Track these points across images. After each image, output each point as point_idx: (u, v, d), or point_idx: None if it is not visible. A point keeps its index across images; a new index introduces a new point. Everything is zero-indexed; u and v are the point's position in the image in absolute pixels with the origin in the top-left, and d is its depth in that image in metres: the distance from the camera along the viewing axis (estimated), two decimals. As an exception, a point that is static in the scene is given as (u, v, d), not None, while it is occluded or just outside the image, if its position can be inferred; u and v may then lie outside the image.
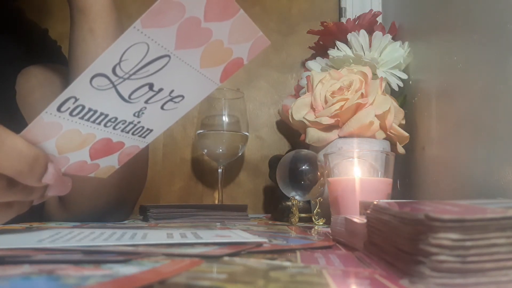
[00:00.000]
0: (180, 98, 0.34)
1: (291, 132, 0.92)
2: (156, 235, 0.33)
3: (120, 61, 0.28)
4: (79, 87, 0.28)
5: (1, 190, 0.29)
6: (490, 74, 0.46)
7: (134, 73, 0.29)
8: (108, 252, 0.25)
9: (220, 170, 0.82)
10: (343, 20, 0.88)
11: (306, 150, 0.63)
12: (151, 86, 0.31)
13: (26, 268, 0.20)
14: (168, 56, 0.29)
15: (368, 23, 0.75)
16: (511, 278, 0.18)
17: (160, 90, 0.32)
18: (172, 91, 0.32)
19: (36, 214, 0.55)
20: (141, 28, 0.27)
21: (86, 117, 0.30)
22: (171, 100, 0.33)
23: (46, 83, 0.59)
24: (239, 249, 0.27)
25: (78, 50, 0.49)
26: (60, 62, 0.64)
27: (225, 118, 0.81)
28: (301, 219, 0.61)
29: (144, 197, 0.64)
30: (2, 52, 0.59)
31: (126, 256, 0.24)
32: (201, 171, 0.95)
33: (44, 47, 0.65)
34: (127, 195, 0.58)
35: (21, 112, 0.60)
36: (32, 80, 0.61)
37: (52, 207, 0.57)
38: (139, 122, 0.34)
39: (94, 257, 0.24)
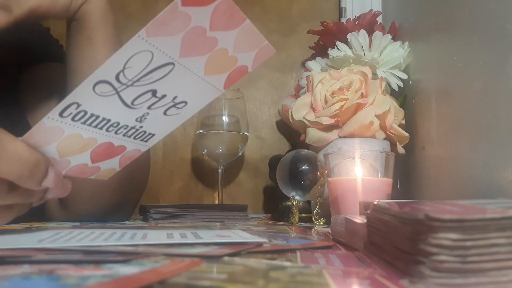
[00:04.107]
0: (183, 104, 0.34)
1: (291, 132, 0.92)
2: (156, 235, 0.33)
3: (124, 68, 0.28)
4: (82, 93, 0.28)
5: (2, 194, 0.30)
6: (490, 74, 0.46)
7: (137, 80, 0.29)
8: (108, 252, 0.25)
9: (220, 170, 0.82)
10: (343, 20, 0.88)
11: (306, 150, 0.63)
12: (154, 92, 0.31)
13: (26, 268, 0.20)
14: (172, 63, 0.29)
15: (368, 23, 0.75)
16: (511, 278, 0.18)
17: (163, 96, 0.32)
18: (175, 97, 0.32)
19: (37, 215, 0.55)
20: (145, 37, 0.27)
21: (88, 122, 0.30)
22: (174, 106, 0.33)
23: (48, 83, 0.59)
24: (239, 249, 0.27)
25: (75, 56, 0.49)
26: (62, 61, 0.64)
27: (225, 118, 0.81)
28: (301, 219, 0.61)
29: (144, 197, 0.64)
30: (4, 52, 0.59)
31: (126, 256, 0.24)
32: (201, 171, 0.95)
33: (46, 46, 0.65)
34: (128, 196, 0.58)
35: (23, 113, 0.60)
36: (34, 80, 0.61)
37: (53, 208, 0.57)
38: (141, 127, 0.34)
39: (94, 257, 0.24)
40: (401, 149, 0.64)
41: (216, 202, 0.88)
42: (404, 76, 0.69)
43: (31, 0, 0.38)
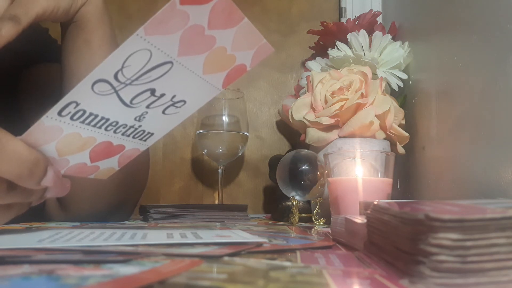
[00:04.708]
0: (182, 103, 0.34)
1: (291, 132, 0.92)
2: (156, 235, 0.33)
3: (123, 67, 0.28)
4: (81, 92, 0.28)
5: (1, 193, 0.30)
6: (490, 74, 0.46)
7: (136, 79, 0.29)
8: (108, 252, 0.25)
9: (220, 170, 0.82)
10: (343, 20, 0.88)
11: (306, 150, 0.63)
12: (153, 91, 0.31)
13: (26, 268, 0.20)
14: (171, 62, 0.29)
15: (368, 23, 0.75)
16: (511, 278, 0.18)
17: (162, 95, 0.32)
18: (174, 96, 0.32)
19: (37, 215, 0.55)
20: (144, 35, 0.27)
21: (87, 121, 0.30)
22: (172, 105, 0.33)
23: (48, 83, 0.59)
24: (239, 249, 0.27)
25: (72, 58, 0.48)
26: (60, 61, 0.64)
27: (225, 118, 0.81)
28: (301, 219, 0.61)
29: (144, 197, 0.64)
30: (3, 52, 0.59)
31: (126, 256, 0.24)
32: (201, 171, 0.95)
33: (45, 46, 0.65)
34: (127, 197, 0.58)
35: (22, 113, 0.60)
36: (34, 79, 0.61)
37: (52, 208, 0.57)
38: (140, 126, 0.34)
39: (94, 257, 0.24)
40: (401, 149, 0.64)
41: (216, 202, 0.88)
42: (404, 76, 0.69)
43: (37, 7, 0.38)
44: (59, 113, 0.29)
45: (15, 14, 0.36)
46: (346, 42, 0.72)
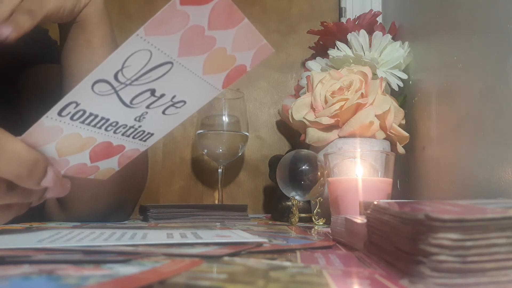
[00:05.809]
0: (182, 103, 0.34)
1: (291, 132, 0.92)
2: (156, 235, 0.33)
3: (122, 67, 0.28)
4: (81, 93, 0.28)
5: (1, 193, 0.30)
6: (490, 74, 0.46)
7: (136, 79, 0.29)
8: (108, 252, 0.25)
9: (220, 170, 0.82)
10: (343, 20, 0.88)
11: (306, 150, 0.63)
12: (153, 91, 0.31)
13: (26, 268, 0.20)
14: (171, 63, 0.29)
15: (368, 23, 0.75)
16: (511, 278, 0.18)
17: (162, 95, 0.32)
18: (174, 96, 0.32)
19: (37, 215, 0.55)
20: (144, 35, 0.27)
21: (87, 122, 0.30)
22: (172, 105, 0.33)
23: (48, 83, 0.59)
24: (239, 249, 0.27)
25: (73, 58, 0.48)
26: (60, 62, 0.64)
27: (225, 118, 0.81)
28: (301, 219, 0.61)
29: (144, 197, 0.64)
30: (3, 53, 0.59)
31: (126, 256, 0.24)
32: (201, 171, 0.95)
33: (45, 47, 0.65)
34: (127, 197, 0.58)
35: (22, 113, 0.60)
36: (34, 80, 0.61)
37: (52, 208, 0.57)
38: (140, 127, 0.34)
39: (94, 257, 0.24)
40: (401, 149, 0.64)
41: (216, 202, 0.88)
42: (404, 76, 0.69)
43: (49, 4, 0.38)
44: (59, 113, 0.29)
45: (30, 8, 0.36)
46: (346, 42, 0.72)
